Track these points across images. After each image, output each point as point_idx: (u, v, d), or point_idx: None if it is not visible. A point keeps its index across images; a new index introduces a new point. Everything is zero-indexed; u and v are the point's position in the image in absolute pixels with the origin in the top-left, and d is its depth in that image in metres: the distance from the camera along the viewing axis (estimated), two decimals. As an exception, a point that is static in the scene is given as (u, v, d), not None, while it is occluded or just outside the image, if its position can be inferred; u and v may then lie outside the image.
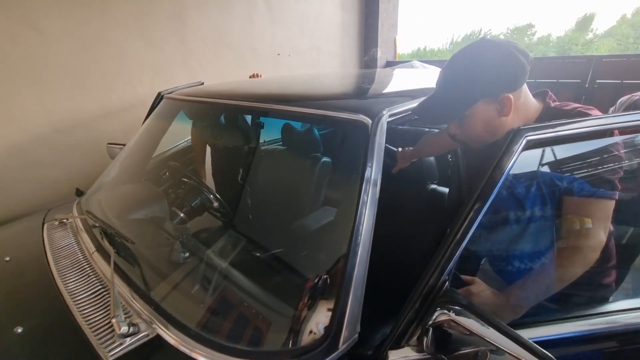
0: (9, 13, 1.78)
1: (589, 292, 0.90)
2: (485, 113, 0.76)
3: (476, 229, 0.97)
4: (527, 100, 0.79)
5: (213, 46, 2.82)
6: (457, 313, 0.59)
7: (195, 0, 2.57)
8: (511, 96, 0.73)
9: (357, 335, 0.70)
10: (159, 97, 1.59)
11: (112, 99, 2.29)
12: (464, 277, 0.77)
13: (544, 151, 0.86)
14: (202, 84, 2.16)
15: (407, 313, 0.66)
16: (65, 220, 1.27)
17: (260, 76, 2.18)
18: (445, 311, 0.60)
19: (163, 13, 2.40)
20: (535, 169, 0.87)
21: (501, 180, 0.64)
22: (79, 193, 1.52)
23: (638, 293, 1.08)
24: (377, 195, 0.77)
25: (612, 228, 0.85)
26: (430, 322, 0.62)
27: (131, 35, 2.27)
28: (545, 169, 0.85)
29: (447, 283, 0.66)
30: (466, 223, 0.63)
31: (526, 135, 0.65)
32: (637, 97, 1.46)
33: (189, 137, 1.57)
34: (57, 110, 2.07)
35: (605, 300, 0.89)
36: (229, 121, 1.29)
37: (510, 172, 0.89)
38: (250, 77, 2.23)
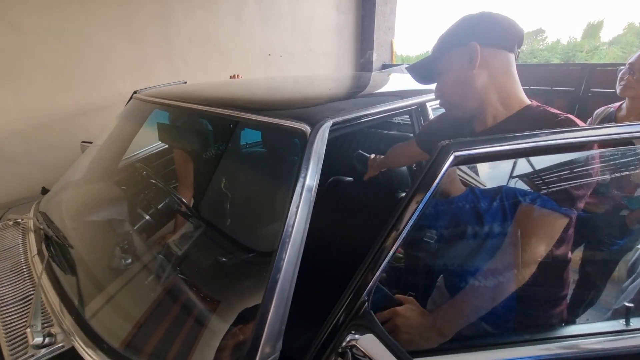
0: (-17, 8, 1.77)
1: (543, 312, 0.86)
2: (456, 64, 0.77)
3: (435, 243, 0.95)
4: (511, 78, 0.77)
5: (199, 44, 2.79)
6: (366, 338, 0.55)
7: (180, -3, 2.55)
8: (478, 46, 0.72)
9: (277, 353, 0.67)
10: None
11: (92, 96, 2.28)
12: (398, 296, 0.74)
13: (515, 162, 0.83)
14: (185, 82, 2.15)
15: (324, 333, 0.63)
16: (19, 220, 1.25)
17: (239, 77, 2.16)
18: (357, 335, 0.57)
19: (146, 9, 2.38)
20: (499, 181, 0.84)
21: (425, 200, 0.60)
22: (45, 191, 1.50)
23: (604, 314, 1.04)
24: (311, 205, 0.74)
25: (569, 251, 0.82)
26: (344, 345, 0.59)
27: (113, 31, 2.25)
28: (516, 181, 0.82)
29: (366, 304, 0.62)
30: (383, 248, 0.60)
31: (454, 151, 0.61)
32: (612, 109, 1.42)
33: (155, 139, 1.54)
34: (34, 107, 2.05)
35: (560, 323, 0.85)
36: (190, 123, 1.26)
37: (479, 187, 0.87)
38: (230, 77, 2.21)
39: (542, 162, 0.80)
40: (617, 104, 1.42)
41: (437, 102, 0.92)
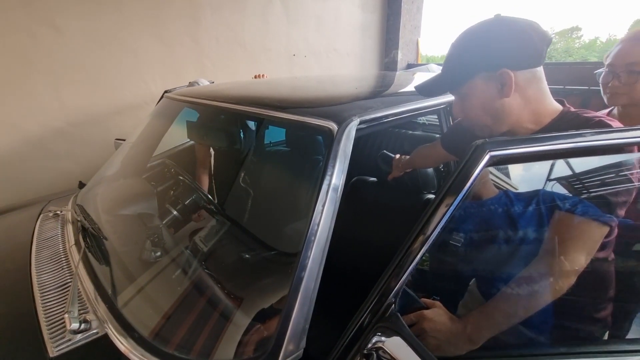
0: (29, 11, 1.89)
1: (582, 324, 0.81)
2: (483, 90, 0.71)
3: (462, 247, 0.92)
4: (541, 93, 0.71)
5: (226, 45, 2.86)
6: (393, 341, 0.54)
7: (208, -1, 2.61)
8: (511, 73, 0.66)
9: (301, 351, 0.67)
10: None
11: (125, 95, 2.38)
12: (424, 300, 0.72)
13: (553, 164, 0.79)
14: (212, 82, 2.20)
15: (349, 334, 0.62)
16: (59, 212, 1.32)
17: (264, 76, 2.19)
18: (384, 338, 0.56)
19: (176, 12, 2.46)
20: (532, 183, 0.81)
21: (456, 202, 0.58)
22: (81, 185, 1.58)
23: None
24: (337, 204, 0.73)
25: (612, 257, 0.77)
26: (369, 346, 0.58)
27: (145, 33, 2.35)
28: (553, 184, 0.78)
29: (393, 306, 0.61)
30: (411, 249, 0.58)
31: (490, 150, 0.59)
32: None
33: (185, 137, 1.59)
34: (72, 105, 2.17)
35: (598, 337, 0.80)
36: (218, 122, 1.29)
37: (512, 190, 0.84)
38: (255, 77, 2.24)
39: (581, 164, 0.75)
40: (605, 111, 1.24)
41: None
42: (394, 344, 0.53)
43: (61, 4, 1.98)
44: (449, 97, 1.18)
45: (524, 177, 0.87)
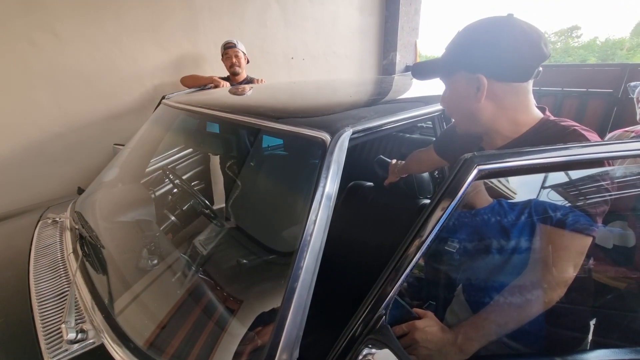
0: (29, 18, 1.90)
1: (572, 332, 0.82)
2: (463, 87, 0.74)
3: (455, 256, 0.93)
4: (520, 105, 0.72)
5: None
6: (383, 354, 0.55)
7: (207, 3, 2.62)
8: (485, 81, 0.68)
9: (294, 362, 0.68)
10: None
11: (125, 100, 2.39)
12: (416, 310, 0.73)
13: (546, 175, 0.80)
14: (210, 87, 2.22)
15: (340, 344, 0.63)
16: (57, 219, 1.33)
17: (262, 81, 2.20)
18: (374, 350, 0.57)
19: (175, 17, 2.47)
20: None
21: (447, 213, 0.59)
22: (80, 191, 1.59)
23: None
24: (330, 213, 0.74)
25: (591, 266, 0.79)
26: (360, 358, 0.59)
27: (144, 38, 2.36)
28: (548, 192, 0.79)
29: (384, 317, 0.62)
30: (404, 258, 0.59)
31: (477, 164, 0.60)
32: (633, 134, 1.25)
33: (182, 143, 1.59)
34: (72, 111, 2.18)
35: (585, 346, 0.81)
36: (218, 128, 1.30)
37: (505, 200, 0.85)
38: (254, 81, 2.26)
39: (571, 175, 0.76)
40: (639, 127, 1.25)
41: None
42: (384, 357, 0.54)
43: (61, 11, 1.99)
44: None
45: (518, 185, 0.88)
